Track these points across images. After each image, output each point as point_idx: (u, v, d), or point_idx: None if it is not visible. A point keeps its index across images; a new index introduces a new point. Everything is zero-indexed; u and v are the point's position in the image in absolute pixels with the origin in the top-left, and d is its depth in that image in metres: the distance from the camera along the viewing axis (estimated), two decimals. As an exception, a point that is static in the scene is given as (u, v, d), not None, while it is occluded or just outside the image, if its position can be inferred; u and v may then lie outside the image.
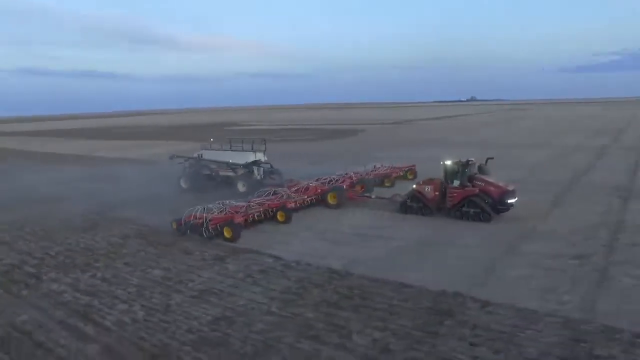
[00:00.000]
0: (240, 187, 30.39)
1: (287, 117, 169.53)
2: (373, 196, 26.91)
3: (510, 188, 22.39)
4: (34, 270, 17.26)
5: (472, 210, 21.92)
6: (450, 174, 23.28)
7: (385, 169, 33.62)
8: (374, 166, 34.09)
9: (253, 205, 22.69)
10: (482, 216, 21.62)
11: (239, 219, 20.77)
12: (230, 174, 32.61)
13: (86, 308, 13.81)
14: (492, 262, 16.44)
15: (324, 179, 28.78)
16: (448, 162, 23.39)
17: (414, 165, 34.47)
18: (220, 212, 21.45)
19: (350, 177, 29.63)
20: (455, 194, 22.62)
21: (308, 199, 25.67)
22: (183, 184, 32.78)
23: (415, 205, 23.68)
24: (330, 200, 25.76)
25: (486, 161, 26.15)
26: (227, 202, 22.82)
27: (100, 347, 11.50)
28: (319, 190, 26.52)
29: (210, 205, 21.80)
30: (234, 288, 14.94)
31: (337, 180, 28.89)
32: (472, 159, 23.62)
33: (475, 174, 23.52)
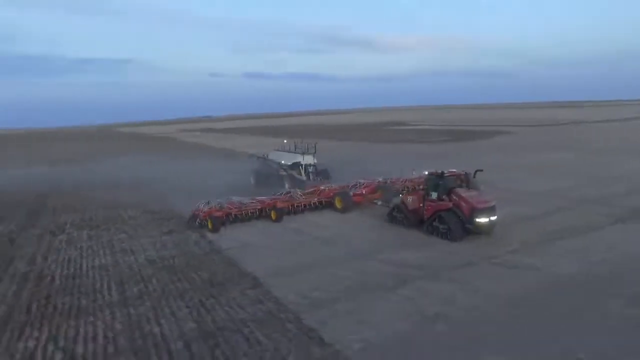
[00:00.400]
0: (287, 185, 34.69)
1: (457, 117, 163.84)
2: (379, 203, 27.92)
3: (483, 205, 20.14)
4: (69, 227, 26.31)
5: (441, 226, 20.58)
6: (430, 186, 22.24)
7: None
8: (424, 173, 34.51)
9: (250, 203, 26.44)
10: (449, 234, 20.03)
11: (218, 214, 24.71)
12: (285, 173, 37.37)
13: (50, 249, 21.59)
14: (342, 262, 17.94)
15: (352, 184, 30.88)
16: (427, 173, 22.80)
17: (467, 173, 33.12)
18: (216, 206, 25.38)
19: (378, 183, 30.81)
20: (429, 207, 21.63)
21: (317, 200, 28.23)
22: (252, 180, 39.05)
23: (399, 215, 23.34)
24: (337, 204, 27.70)
25: (474, 173, 24.47)
26: (229, 198, 26.67)
27: (20, 274, 18.45)
28: (331, 194, 28.70)
29: (211, 200, 25.99)
30: (142, 250, 20.81)
31: (361, 185, 30.53)
32: (454, 170, 23.05)
33: (459, 186, 22.27)
